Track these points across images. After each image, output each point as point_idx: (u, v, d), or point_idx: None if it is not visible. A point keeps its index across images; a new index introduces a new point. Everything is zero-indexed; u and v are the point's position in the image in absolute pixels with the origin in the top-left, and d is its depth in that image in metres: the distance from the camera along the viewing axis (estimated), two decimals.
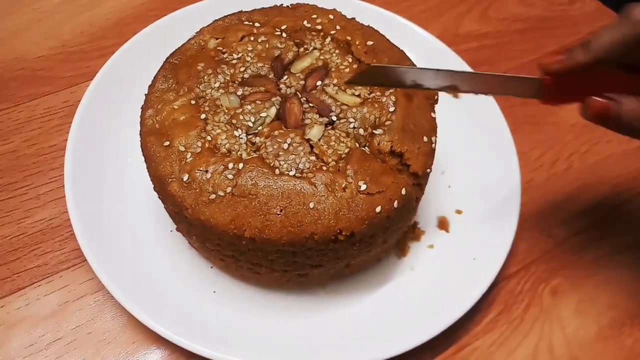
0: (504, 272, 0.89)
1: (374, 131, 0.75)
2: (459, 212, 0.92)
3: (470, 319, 0.84)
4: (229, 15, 0.87)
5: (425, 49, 1.03)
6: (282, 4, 0.90)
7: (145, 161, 0.74)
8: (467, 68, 1.04)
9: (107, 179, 0.87)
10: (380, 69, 0.72)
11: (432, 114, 0.80)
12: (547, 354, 0.85)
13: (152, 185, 0.75)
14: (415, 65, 0.84)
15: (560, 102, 0.71)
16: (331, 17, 0.86)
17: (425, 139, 0.76)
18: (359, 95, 0.77)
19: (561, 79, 0.68)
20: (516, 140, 0.96)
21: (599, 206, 0.99)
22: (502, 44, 1.21)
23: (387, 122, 0.76)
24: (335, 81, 0.78)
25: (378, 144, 0.73)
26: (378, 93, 0.77)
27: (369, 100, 0.76)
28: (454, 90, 0.70)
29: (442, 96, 0.83)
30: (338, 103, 0.76)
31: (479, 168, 0.95)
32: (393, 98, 0.76)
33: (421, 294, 0.82)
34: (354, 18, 0.88)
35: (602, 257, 0.95)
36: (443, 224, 0.91)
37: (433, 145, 0.77)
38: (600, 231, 0.97)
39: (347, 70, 0.79)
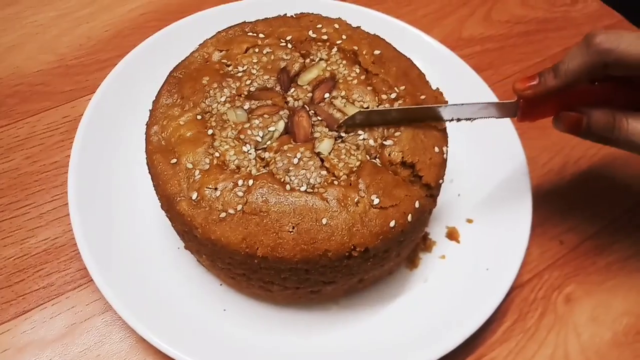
0: (517, 280, 0.87)
1: (384, 142, 0.74)
2: (469, 221, 0.91)
3: (485, 329, 0.83)
4: (232, 26, 0.85)
5: (430, 55, 1.02)
6: (285, 14, 0.88)
7: (152, 179, 0.72)
8: (472, 74, 1.03)
9: (111, 195, 0.85)
10: (367, 112, 0.74)
11: (442, 123, 0.79)
12: None
13: (160, 203, 0.73)
14: (422, 73, 0.83)
15: (535, 119, 0.78)
16: (336, 26, 0.84)
17: (436, 149, 0.75)
18: (367, 108, 0.76)
19: (534, 99, 0.75)
20: (523, 146, 0.95)
21: (610, 210, 0.98)
22: (505, 47, 1.20)
23: (397, 133, 0.74)
24: (343, 93, 0.76)
25: (389, 155, 0.72)
26: (387, 105, 0.76)
27: None
28: (437, 120, 0.77)
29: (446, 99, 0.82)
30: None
31: (489, 175, 0.94)
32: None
33: (435, 306, 0.81)
34: (360, 27, 0.86)
35: (615, 262, 0.93)
36: (452, 234, 0.90)
37: (445, 155, 0.76)
38: (612, 235, 0.96)
39: (355, 82, 0.77)
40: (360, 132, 0.74)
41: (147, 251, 0.82)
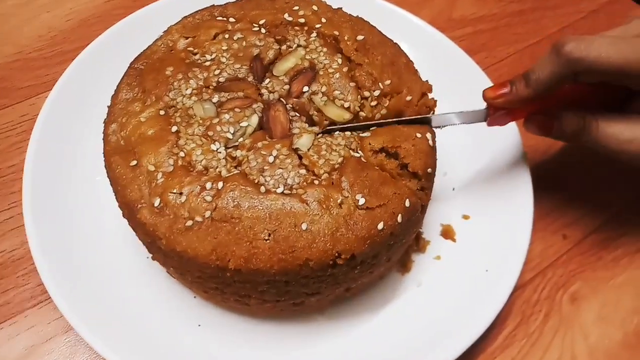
0: (519, 279, 0.80)
1: (361, 134, 0.67)
2: (466, 217, 0.84)
3: (485, 335, 0.75)
4: (199, 10, 0.78)
5: (419, 38, 0.94)
6: None
7: (110, 184, 0.65)
8: (465, 57, 0.95)
9: (72, 202, 0.77)
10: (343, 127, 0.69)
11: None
12: None
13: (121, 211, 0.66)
14: (410, 60, 0.76)
15: (505, 123, 0.78)
16: (315, 8, 0.77)
17: (418, 135, 0.68)
18: (348, 108, 0.68)
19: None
20: (521, 134, 0.87)
21: (616, 200, 0.91)
22: (499, 27, 1.12)
23: (373, 127, 0.68)
24: (324, 89, 0.69)
25: (370, 145, 0.66)
26: (370, 102, 0.69)
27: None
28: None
29: (437, 91, 0.75)
30: (325, 117, 0.68)
31: (485, 167, 0.87)
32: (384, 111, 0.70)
33: (430, 313, 0.74)
34: (341, 8, 0.79)
35: (623, 256, 0.87)
36: (447, 233, 0.83)
37: (430, 142, 0.69)
38: (619, 228, 0.89)
39: (337, 75, 0.70)
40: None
41: (112, 263, 0.74)
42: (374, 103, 0.69)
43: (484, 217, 0.83)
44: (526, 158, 0.85)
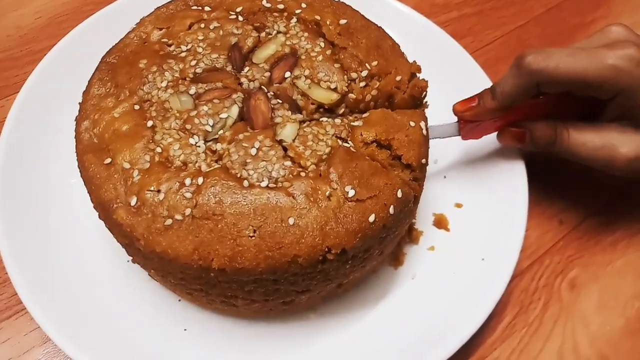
0: (516, 268, 0.77)
1: (352, 123, 0.63)
2: (458, 205, 0.81)
3: (484, 327, 0.73)
4: (173, 0, 0.74)
5: (404, 25, 0.91)
6: None
7: (84, 185, 0.61)
8: (452, 42, 0.92)
9: (46, 206, 0.73)
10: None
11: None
12: (573, 356, 0.75)
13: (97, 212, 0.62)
14: (396, 43, 0.73)
15: (480, 136, 0.79)
16: None
17: (412, 123, 0.65)
18: (335, 89, 0.65)
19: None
20: None
21: (611, 184, 0.89)
22: (484, 11, 1.10)
23: (366, 114, 0.65)
24: (306, 72, 0.66)
25: (361, 135, 0.62)
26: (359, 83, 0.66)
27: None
28: None
29: (425, 77, 0.72)
30: (311, 101, 0.64)
31: (476, 153, 0.84)
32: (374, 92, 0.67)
33: (427, 306, 0.71)
34: None
35: (621, 239, 0.85)
36: (440, 222, 0.80)
37: (423, 131, 0.66)
38: (616, 211, 0.87)
39: (320, 58, 0.67)
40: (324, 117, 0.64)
41: (90, 268, 0.70)
42: (362, 84, 0.66)
43: (477, 204, 0.80)
44: None
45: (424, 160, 0.64)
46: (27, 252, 0.68)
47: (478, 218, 0.79)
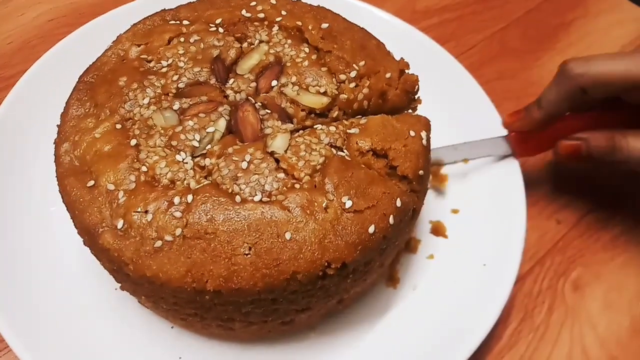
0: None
1: (348, 131, 0.61)
2: (454, 211, 0.79)
3: (490, 335, 0.70)
4: (149, 16, 0.71)
5: (387, 32, 0.89)
6: None
7: (67, 210, 0.58)
8: (437, 47, 0.91)
9: (26, 237, 0.70)
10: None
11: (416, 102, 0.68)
12: (582, 359, 0.72)
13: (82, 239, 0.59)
14: (381, 42, 0.71)
15: (535, 153, 0.81)
16: (273, 1, 0.71)
17: (412, 133, 0.63)
18: (325, 93, 0.63)
19: (527, 133, 0.78)
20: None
21: (606, 180, 0.88)
22: (464, 15, 1.09)
23: (363, 120, 0.63)
24: (293, 79, 0.63)
25: (357, 144, 0.60)
26: (348, 84, 0.63)
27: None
28: (438, 164, 0.80)
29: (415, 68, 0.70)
30: (301, 107, 0.62)
31: (468, 156, 0.81)
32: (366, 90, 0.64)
33: (430, 317, 0.69)
34: (300, 0, 0.74)
35: (622, 234, 0.84)
36: (438, 230, 0.77)
37: (423, 141, 0.63)
38: (614, 206, 0.86)
39: (306, 63, 0.64)
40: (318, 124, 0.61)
41: (77, 299, 0.67)
42: (352, 85, 0.64)
43: (474, 209, 0.78)
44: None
45: (421, 172, 0.61)
46: (8, 288, 0.64)
47: (476, 223, 0.77)
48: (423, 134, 0.63)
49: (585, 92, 0.70)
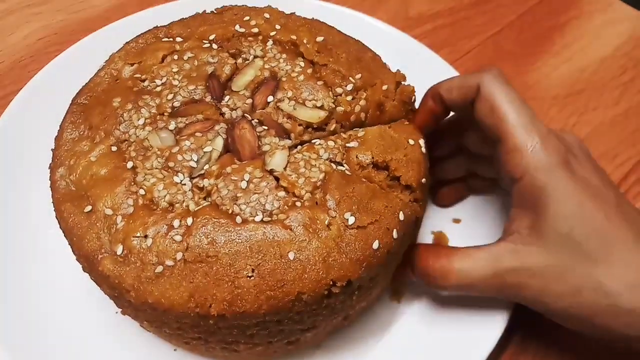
0: None
1: (347, 144, 0.60)
2: (456, 221, 0.78)
3: (497, 345, 0.69)
4: (142, 34, 0.70)
5: (381, 40, 0.88)
6: (204, 11, 0.74)
7: (65, 236, 0.57)
8: (432, 54, 0.91)
9: (22, 261, 0.68)
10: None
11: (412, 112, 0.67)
12: None
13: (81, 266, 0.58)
14: (376, 55, 0.70)
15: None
16: (267, 15, 0.71)
17: (411, 141, 0.62)
18: (322, 107, 0.62)
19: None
20: None
21: None
22: (458, 21, 1.08)
23: (361, 133, 0.62)
24: (289, 94, 0.63)
25: (357, 158, 0.59)
26: (345, 97, 0.62)
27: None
28: None
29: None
30: (298, 122, 0.61)
31: None
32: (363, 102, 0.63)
33: (438, 329, 0.68)
34: (294, 13, 0.73)
35: None
36: (440, 240, 0.76)
37: (422, 148, 0.63)
38: None
39: (302, 77, 0.64)
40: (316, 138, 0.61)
41: (75, 324, 0.65)
42: (349, 97, 0.63)
43: (475, 217, 0.77)
44: None
45: (424, 180, 0.61)
46: (6, 314, 0.63)
47: (478, 232, 0.75)
48: (421, 141, 0.63)
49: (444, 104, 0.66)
